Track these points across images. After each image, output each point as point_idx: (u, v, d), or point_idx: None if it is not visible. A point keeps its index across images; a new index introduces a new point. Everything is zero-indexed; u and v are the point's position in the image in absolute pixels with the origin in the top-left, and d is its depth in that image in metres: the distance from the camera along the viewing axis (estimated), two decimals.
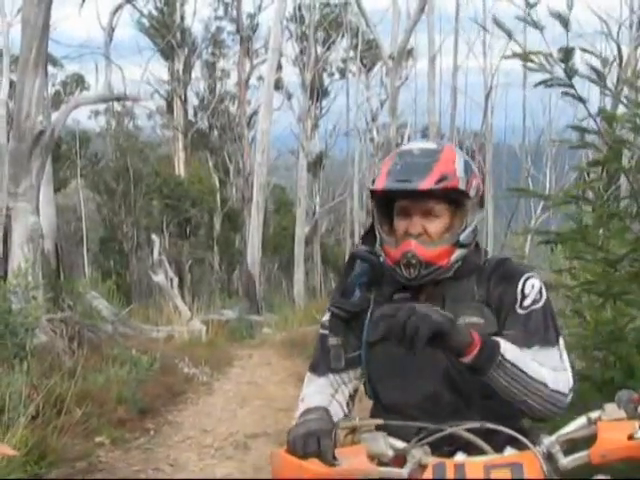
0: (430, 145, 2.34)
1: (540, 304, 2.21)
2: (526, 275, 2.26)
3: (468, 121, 34.48)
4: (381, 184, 2.25)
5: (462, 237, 2.25)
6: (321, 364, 2.43)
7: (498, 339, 2.04)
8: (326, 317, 2.44)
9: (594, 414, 1.91)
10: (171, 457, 6.95)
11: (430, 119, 25.70)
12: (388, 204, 2.32)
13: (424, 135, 32.31)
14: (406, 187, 2.19)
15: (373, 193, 2.31)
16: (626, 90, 3.69)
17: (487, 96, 30.71)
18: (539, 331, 2.18)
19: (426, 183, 2.17)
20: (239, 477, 6.35)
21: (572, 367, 2.21)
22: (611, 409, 1.89)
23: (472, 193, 2.26)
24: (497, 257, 2.39)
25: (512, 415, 2.15)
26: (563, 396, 2.08)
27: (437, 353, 2.16)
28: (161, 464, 6.71)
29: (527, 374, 2.02)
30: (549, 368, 2.09)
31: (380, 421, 2.09)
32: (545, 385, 2.04)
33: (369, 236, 2.40)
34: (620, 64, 25.18)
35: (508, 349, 2.02)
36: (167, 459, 6.88)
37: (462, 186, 2.23)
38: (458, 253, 2.26)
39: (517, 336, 2.15)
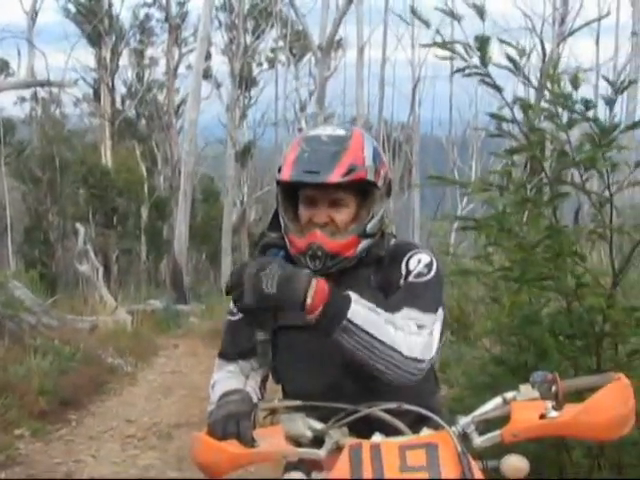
0: (338, 131, 2.26)
1: (426, 278, 2.17)
2: (412, 252, 2.24)
3: (396, 113, 34.88)
4: (287, 174, 2.18)
5: (369, 227, 2.21)
6: (230, 350, 2.40)
7: (352, 302, 1.98)
8: (232, 303, 2.42)
9: (509, 394, 1.95)
10: (93, 448, 6.87)
11: (358, 110, 25.85)
12: (293, 191, 2.28)
13: (352, 125, 32.43)
14: (314, 180, 2.14)
15: (278, 181, 2.24)
16: (549, 84, 3.75)
17: (414, 88, 31.06)
18: (414, 297, 2.14)
19: (334, 176, 2.11)
20: (162, 467, 6.33)
21: (442, 339, 2.15)
22: (526, 390, 1.93)
23: (380, 183, 2.24)
24: (396, 242, 2.35)
25: (420, 396, 2.15)
26: (418, 362, 2.03)
27: (336, 345, 2.16)
28: (83, 456, 6.63)
29: (378, 339, 1.98)
30: (407, 332, 2.04)
31: (299, 402, 2.10)
32: (398, 352, 2.00)
33: (274, 223, 2.36)
34: (543, 59, 25.70)
35: (360, 313, 1.98)
36: (89, 450, 6.80)
37: (371, 177, 2.19)
38: (364, 243, 2.23)
39: (390, 301, 2.15)
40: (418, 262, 2.21)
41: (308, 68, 34.93)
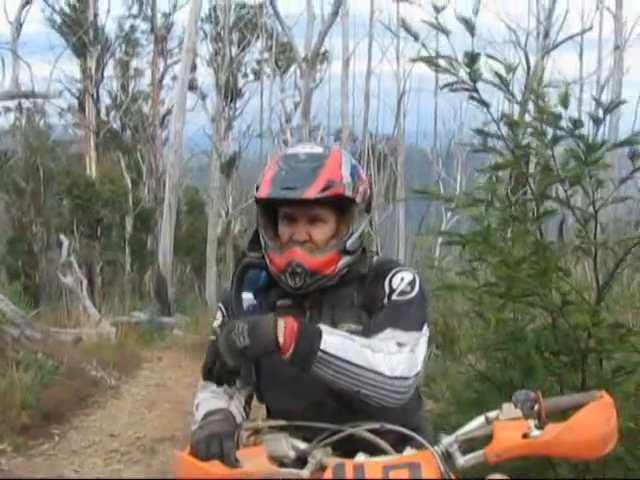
0: (316, 149, 2.29)
1: (409, 296, 2.19)
2: (395, 270, 2.25)
3: (381, 125, 34.92)
4: (265, 192, 2.20)
5: (348, 244, 2.23)
6: (212, 371, 2.40)
7: (323, 333, 2.00)
8: (216, 323, 2.41)
9: (492, 414, 1.95)
10: (76, 463, 6.83)
11: (343, 122, 25.91)
12: (273, 209, 2.28)
13: (337, 138, 32.54)
14: (291, 196, 2.15)
15: (257, 199, 2.26)
16: (532, 97, 3.77)
17: (399, 100, 31.13)
18: (398, 316, 2.15)
19: (311, 191, 2.13)
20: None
21: (426, 356, 2.17)
22: (508, 409, 1.93)
23: (358, 199, 2.25)
24: (378, 260, 2.36)
25: (402, 416, 2.16)
26: (403, 380, 2.04)
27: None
28: (65, 471, 6.60)
29: (356, 364, 1.99)
30: (387, 352, 2.04)
31: (282, 422, 2.09)
32: (380, 374, 2.01)
33: (254, 243, 2.36)
34: (528, 72, 25.86)
35: (333, 343, 1.99)
36: (72, 465, 6.77)
37: (348, 193, 2.20)
38: (345, 260, 2.23)
39: (374, 321, 2.16)
40: (401, 280, 2.22)
41: (293, 80, 35.00)
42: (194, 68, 31.90)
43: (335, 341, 1.99)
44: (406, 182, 30.69)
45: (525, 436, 1.86)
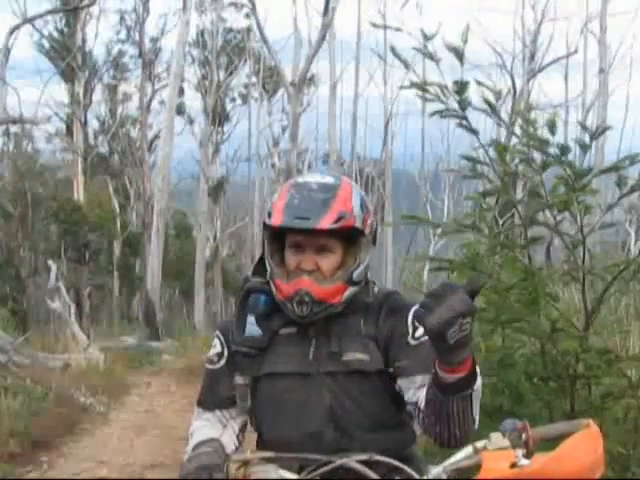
0: (327, 179, 2.30)
1: None
2: (415, 307, 2.27)
3: (368, 148, 35.02)
4: (278, 220, 2.20)
5: (355, 274, 2.24)
6: (208, 399, 2.40)
7: None
8: (213, 351, 2.41)
9: (480, 443, 1.95)
10: None
11: (331, 146, 25.97)
12: (280, 237, 2.30)
13: (325, 161, 32.64)
14: (305, 226, 2.17)
15: (266, 225, 2.27)
16: (520, 121, 3.80)
17: (387, 124, 31.26)
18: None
19: (325, 222, 2.14)
20: None
21: None
22: (496, 438, 1.93)
23: (367, 231, 2.27)
24: (384, 291, 2.38)
25: (398, 445, 2.19)
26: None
27: (322, 391, 2.18)
28: None
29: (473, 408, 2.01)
30: None
31: (271, 454, 2.09)
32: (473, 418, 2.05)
33: (259, 267, 2.37)
34: (514, 95, 26.05)
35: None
36: None
37: (359, 224, 2.22)
38: (351, 290, 2.25)
39: (415, 364, 2.17)
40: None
41: (281, 104, 35.11)
42: (182, 92, 31.98)
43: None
44: (394, 205, 30.77)
45: (513, 466, 1.85)
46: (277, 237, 2.29)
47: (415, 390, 2.15)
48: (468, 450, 1.97)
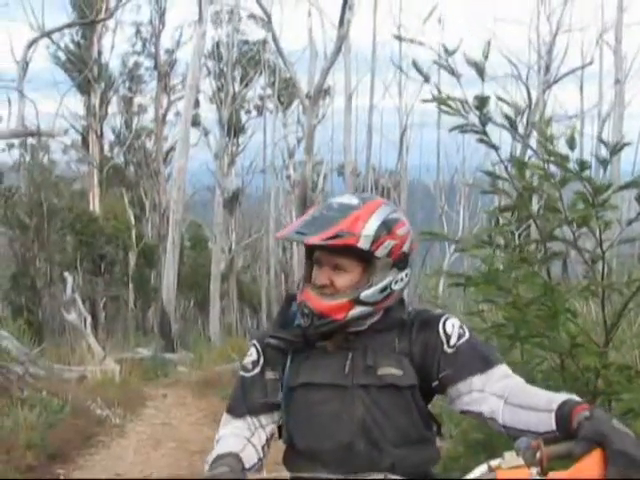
0: (352, 200, 2.32)
1: (465, 337, 2.27)
2: (444, 317, 2.33)
3: (384, 159, 34.98)
4: (281, 232, 2.36)
5: (362, 295, 2.26)
6: (239, 406, 2.42)
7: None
8: (248, 359, 2.44)
9: (494, 462, 1.94)
10: None
11: (346, 157, 25.99)
12: (312, 253, 2.36)
13: (340, 173, 32.66)
14: (295, 238, 2.28)
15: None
16: (537, 135, 3.79)
17: (402, 135, 31.24)
18: (480, 356, 2.26)
19: (315, 238, 2.19)
20: None
21: None
22: (510, 457, 1.93)
23: (380, 253, 2.26)
24: (416, 309, 2.42)
25: (424, 462, 2.22)
26: None
27: (355, 403, 2.21)
28: None
29: None
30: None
31: (286, 476, 2.11)
32: None
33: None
34: (529, 106, 26.01)
35: None
36: None
37: (363, 245, 2.22)
38: (358, 310, 2.27)
39: (464, 368, 2.22)
40: (452, 326, 2.31)
41: (296, 115, 35.16)
42: (197, 104, 32.11)
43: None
44: (409, 216, 30.73)
45: None
46: (310, 253, 2.34)
47: (480, 392, 2.21)
48: (483, 468, 1.96)
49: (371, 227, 2.24)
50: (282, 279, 34.75)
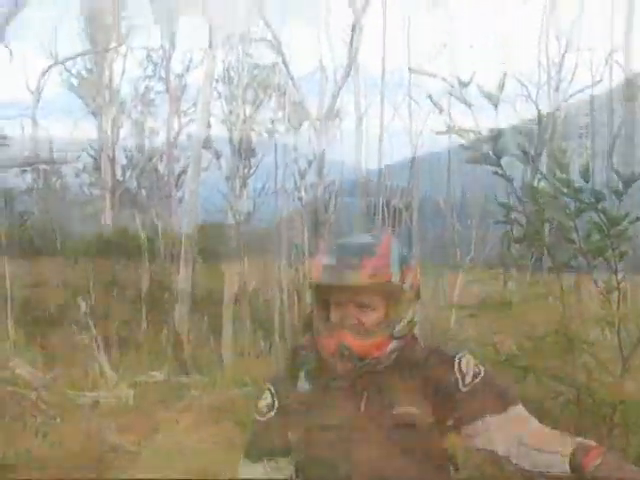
0: (367, 239, 2.37)
1: (481, 375, 2.25)
2: (459, 355, 2.31)
3: (395, 180, 34.91)
4: (316, 278, 2.29)
5: (397, 329, 2.26)
6: (255, 450, 2.41)
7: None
8: (263, 403, 2.44)
9: None
10: None
11: (357, 179, 25.99)
12: (325, 294, 2.32)
13: (351, 194, 32.65)
14: (340, 282, 2.22)
15: (310, 284, 2.31)
16: (549, 161, 3.79)
17: (413, 160, 31.22)
18: (496, 395, 2.29)
19: (359, 278, 2.17)
20: None
21: None
22: None
23: (407, 286, 2.27)
24: (429, 347, 2.40)
25: None
26: None
27: (371, 443, 2.19)
28: None
29: None
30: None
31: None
32: None
33: (308, 326, 2.40)
34: (539, 125, 25.98)
35: None
36: None
37: (395, 279, 2.23)
38: (393, 344, 2.28)
39: (479, 407, 2.19)
40: (467, 364, 2.29)
41: (307, 137, 35.17)
42: (209, 127, 32.18)
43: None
44: (420, 234, 30.62)
45: None
46: (322, 295, 2.32)
47: (494, 432, 2.22)
48: None
49: (395, 261, 2.25)
50: (295, 299, 34.69)
